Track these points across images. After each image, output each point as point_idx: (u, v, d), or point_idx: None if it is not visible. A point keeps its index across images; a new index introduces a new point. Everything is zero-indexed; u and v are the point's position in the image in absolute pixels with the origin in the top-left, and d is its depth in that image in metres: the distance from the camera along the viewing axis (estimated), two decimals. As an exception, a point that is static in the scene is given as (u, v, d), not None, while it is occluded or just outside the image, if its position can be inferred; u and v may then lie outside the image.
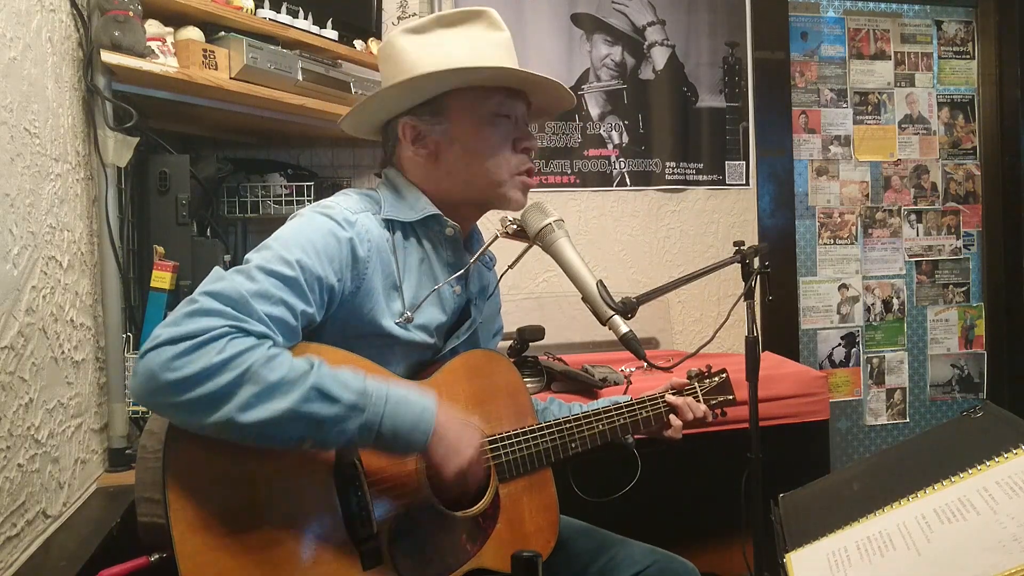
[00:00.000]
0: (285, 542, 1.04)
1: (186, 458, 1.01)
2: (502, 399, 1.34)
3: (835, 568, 0.95)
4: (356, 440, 1.05)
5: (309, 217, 1.18)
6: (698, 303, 3.04)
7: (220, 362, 0.97)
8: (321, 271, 1.12)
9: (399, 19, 2.62)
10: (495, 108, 1.28)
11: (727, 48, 3.05)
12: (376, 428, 1.05)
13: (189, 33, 1.77)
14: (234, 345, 0.99)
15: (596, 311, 1.27)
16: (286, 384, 1.00)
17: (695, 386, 1.58)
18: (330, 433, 1.03)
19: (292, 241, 1.12)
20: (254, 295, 1.04)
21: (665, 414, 1.50)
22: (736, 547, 1.73)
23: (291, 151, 2.54)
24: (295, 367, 1.02)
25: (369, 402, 1.05)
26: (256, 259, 1.09)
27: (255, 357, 0.99)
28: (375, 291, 1.20)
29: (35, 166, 1.35)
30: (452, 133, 1.28)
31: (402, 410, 1.07)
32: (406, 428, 1.07)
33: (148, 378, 0.96)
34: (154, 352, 0.97)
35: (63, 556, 1.26)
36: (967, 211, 3.40)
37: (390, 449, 1.09)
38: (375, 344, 1.20)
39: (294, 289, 1.08)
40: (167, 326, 0.99)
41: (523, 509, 1.31)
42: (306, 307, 1.10)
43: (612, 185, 2.94)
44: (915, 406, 3.36)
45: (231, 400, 0.97)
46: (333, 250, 1.14)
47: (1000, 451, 0.98)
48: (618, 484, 1.54)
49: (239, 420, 0.97)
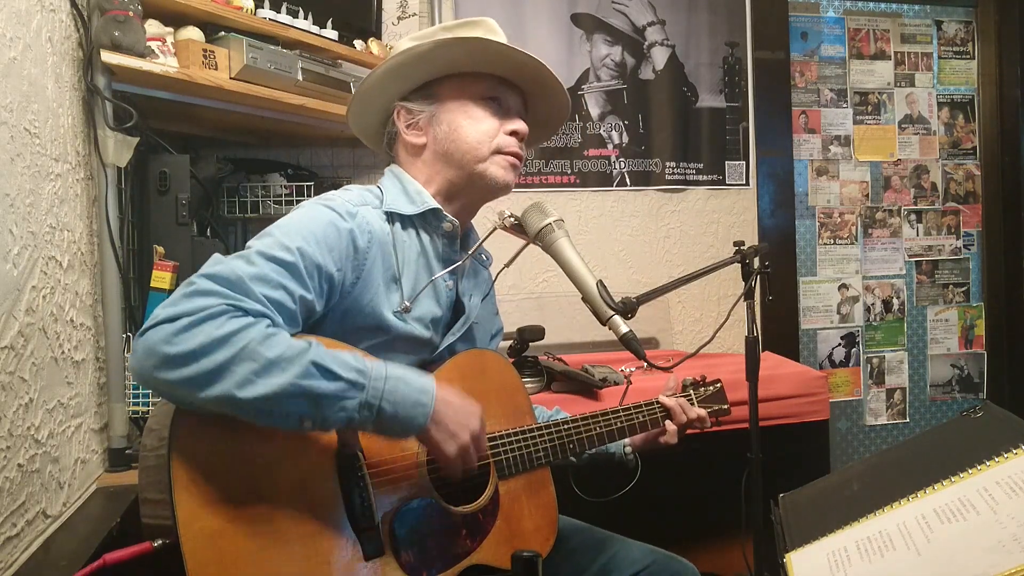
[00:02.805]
0: (288, 532, 1.04)
1: (190, 451, 1.01)
2: (501, 399, 1.34)
3: (835, 568, 0.95)
4: (356, 419, 1.05)
5: (311, 208, 1.20)
6: (698, 303, 3.04)
7: (219, 337, 0.97)
8: (321, 259, 1.13)
9: (399, 19, 2.62)
10: (483, 91, 1.33)
11: (727, 48, 3.05)
12: (376, 405, 1.05)
13: (189, 33, 1.77)
14: (232, 323, 0.99)
15: (596, 311, 1.28)
16: (284, 361, 1.00)
17: (691, 394, 1.60)
18: (330, 410, 1.03)
19: (293, 229, 1.13)
20: (252, 278, 1.05)
21: (661, 418, 1.52)
22: (736, 547, 1.73)
23: (291, 151, 2.54)
24: (293, 345, 1.02)
25: (369, 380, 1.05)
26: (257, 245, 1.11)
27: (253, 334, 1.00)
28: (375, 282, 1.21)
29: (35, 166, 1.35)
30: (440, 114, 1.32)
31: (402, 388, 1.08)
32: (406, 406, 1.08)
33: (147, 353, 0.97)
34: (153, 330, 0.98)
35: (63, 556, 1.26)
36: (967, 211, 3.40)
37: (390, 428, 1.09)
38: (374, 338, 1.21)
39: (293, 274, 1.09)
40: (165, 306, 1.00)
41: (522, 507, 1.31)
42: (305, 293, 1.10)
43: (612, 185, 2.94)
44: (915, 406, 3.36)
45: (229, 376, 0.97)
46: (333, 240, 1.16)
47: (1000, 451, 0.98)
48: (618, 484, 1.54)
49: (238, 396, 0.97)
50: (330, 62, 2.12)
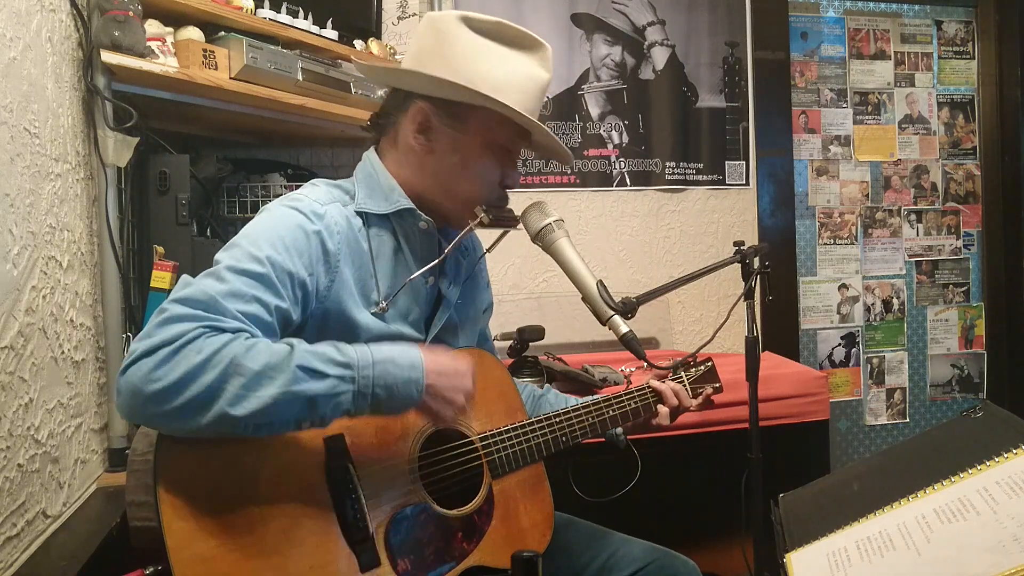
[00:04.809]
0: (280, 545, 1.03)
1: (177, 460, 1.00)
2: (492, 397, 1.34)
3: (835, 568, 0.95)
4: (352, 411, 1.05)
5: (276, 211, 1.17)
6: (698, 303, 3.04)
7: (201, 362, 0.96)
8: (291, 266, 1.11)
9: (399, 19, 2.62)
10: (505, 141, 1.29)
11: (727, 48, 3.05)
12: (370, 393, 1.05)
13: (189, 33, 1.77)
14: (211, 343, 0.98)
15: (596, 311, 1.28)
16: (270, 369, 0.99)
17: (681, 375, 1.57)
18: (326, 408, 1.03)
19: (260, 237, 1.11)
20: (225, 295, 1.03)
21: (653, 403, 1.49)
22: (736, 547, 1.73)
23: (291, 151, 2.54)
24: (275, 351, 1.01)
25: (357, 370, 1.05)
26: (225, 259, 1.09)
27: (235, 350, 0.98)
28: (348, 284, 1.19)
29: (35, 166, 1.35)
30: (460, 142, 1.27)
31: (391, 369, 1.08)
32: (399, 386, 1.08)
33: (132, 394, 0.96)
34: (133, 368, 0.96)
35: (63, 556, 1.26)
36: (967, 211, 3.40)
37: (387, 409, 1.09)
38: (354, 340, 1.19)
39: (266, 285, 1.08)
40: (141, 339, 0.98)
41: (518, 504, 1.31)
42: (280, 302, 1.09)
43: (612, 185, 2.94)
44: (915, 406, 3.36)
45: (220, 397, 0.97)
46: (302, 244, 1.14)
47: (1000, 451, 0.98)
48: (618, 484, 1.54)
49: (232, 414, 0.97)
50: (330, 62, 2.12)
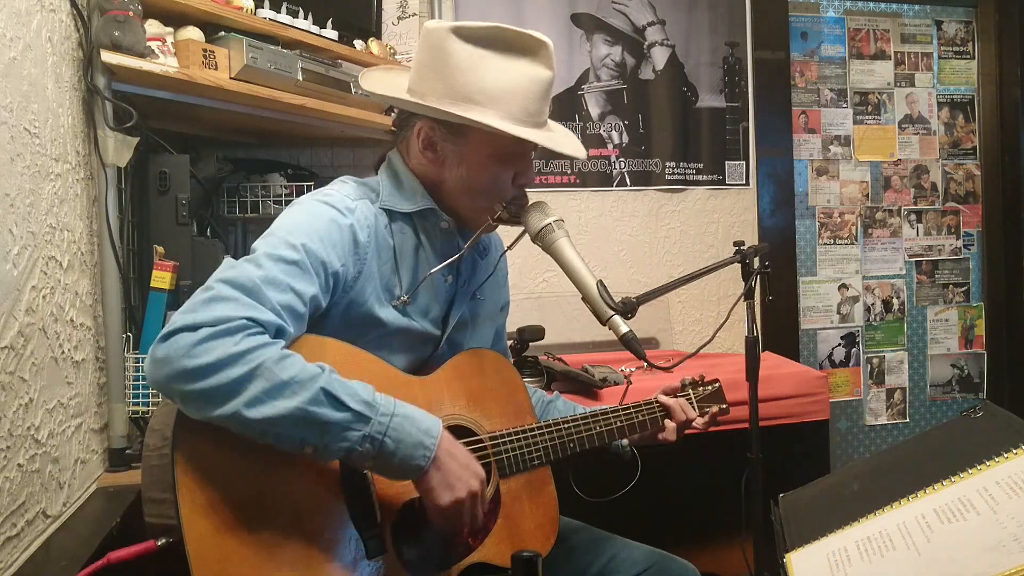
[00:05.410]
0: (290, 530, 1.05)
1: (194, 458, 1.02)
2: (501, 397, 1.35)
3: (835, 568, 0.95)
4: (357, 451, 1.04)
5: (309, 205, 1.21)
6: (698, 303, 3.04)
7: (235, 353, 0.99)
8: (325, 256, 1.15)
9: (399, 19, 2.62)
10: (511, 148, 1.28)
11: (727, 48, 3.05)
12: (379, 440, 1.04)
13: (189, 33, 1.77)
14: (249, 340, 1.01)
15: (596, 311, 1.28)
16: (295, 383, 1.01)
17: (689, 393, 1.59)
18: (333, 439, 1.03)
19: (297, 228, 1.15)
20: (264, 282, 1.07)
21: (660, 418, 1.51)
22: (736, 547, 1.73)
23: (291, 151, 2.54)
24: (306, 369, 1.03)
25: (376, 413, 1.05)
26: (263, 246, 1.12)
27: (268, 354, 1.01)
28: (373, 276, 1.22)
29: (35, 166, 1.35)
30: (463, 156, 1.28)
31: (407, 426, 1.07)
32: (408, 445, 1.07)
33: (166, 363, 0.99)
34: (174, 338, 0.99)
35: (63, 556, 1.26)
36: (967, 211, 3.40)
37: (388, 465, 1.07)
38: (374, 333, 1.22)
39: (301, 273, 1.11)
40: (185, 312, 1.02)
41: (523, 506, 1.32)
42: (313, 291, 1.12)
43: (612, 185, 2.94)
44: (915, 406, 3.36)
45: (241, 394, 0.99)
46: (336, 237, 1.17)
47: (1000, 451, 0.98)
48: (618, 484, 1.54)
49: (245, 415, 0.99)
50: (330, 62, 2.12)
